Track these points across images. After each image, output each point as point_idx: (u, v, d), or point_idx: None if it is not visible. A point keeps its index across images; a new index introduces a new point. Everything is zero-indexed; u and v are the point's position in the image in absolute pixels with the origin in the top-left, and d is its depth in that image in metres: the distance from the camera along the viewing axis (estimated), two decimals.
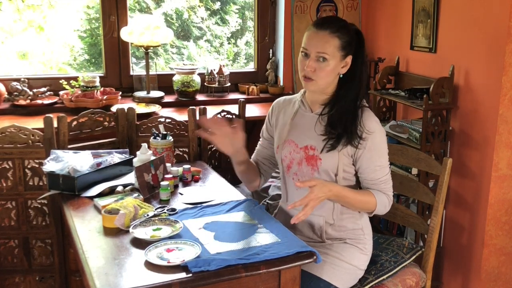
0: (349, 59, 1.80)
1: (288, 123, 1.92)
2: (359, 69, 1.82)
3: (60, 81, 2.93)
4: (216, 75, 3.24)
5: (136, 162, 2.14)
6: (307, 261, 1.55)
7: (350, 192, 1.80)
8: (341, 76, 1.83)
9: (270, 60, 3.43)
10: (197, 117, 2.56)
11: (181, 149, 2.59)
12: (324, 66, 1.76)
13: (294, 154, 1.87)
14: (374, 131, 1.79)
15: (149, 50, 3.03)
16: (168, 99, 3.14)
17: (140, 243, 1.60)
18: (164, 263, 1.47)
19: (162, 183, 2.00)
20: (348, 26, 1.81)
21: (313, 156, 1.82)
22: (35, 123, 2.54)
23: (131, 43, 3.07)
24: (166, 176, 2.06)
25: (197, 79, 3.18)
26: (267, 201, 2.04)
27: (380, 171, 1.82)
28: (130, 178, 2.11)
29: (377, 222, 2.97)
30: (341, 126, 1.78)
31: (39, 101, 2.86)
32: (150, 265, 1.48)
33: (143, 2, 3.51)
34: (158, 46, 3.05)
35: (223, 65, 3.28)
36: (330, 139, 1.79)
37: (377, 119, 1.83)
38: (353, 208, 1.85)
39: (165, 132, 2.35)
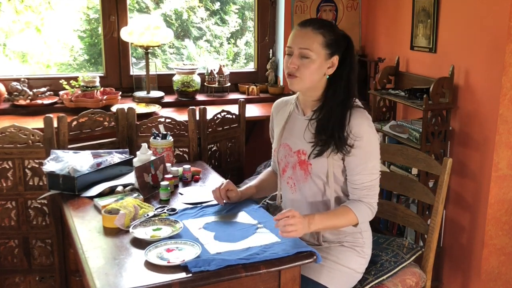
0: (335, 59, 1.76)
1: (282, 125, 1.91)
2: (346, 72, 1.78)
3: (60, 81, 2.93)
4: (216, 75, 3.24)
5: (136, 162, 2.14)
6: (307, 261, 1.55)
7: (329, 221, 1.73)
8: (328, 77, 1.78)
9: (270, 60, 3.43)
10: (197, 117, 2.56)
11: (181, 149, 2.59)
12: (307, 63, 1.72)
13: (289, 158, 1.86)
14: (362, 136, 1.73)
15: (149, 50, 3.03)
16: (168, 99, 3.14)
17: (140, 243, 1.60)
18: (164, 263, 1.47)
19: (162, 183, 2.00)
20: (335, 28, 1.79)
21: (304, 161, 1.80)
22: (35, 123, 2.54)
23: (131, 43, 3.07)
24: (166, 176, 2.06)
25: (197, 79, 3.18)
26: (267, 201, 2.03)
27: (365, 176, 1.76)
28: (130, 178, 2.11)
29: (377, 222, 2.96)
30: (327, 132, 1.74)
31: (39, 101, 2.86)
32: (150, 265, 1.48)
33: (142, 2, 3.51)
34: (158, 46, 3.05)
35: (223, 65, 3.28)
36: (317, 145, 1.76)
37: (369, 121, 1.77)
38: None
39: (165, 132, 2.35)
